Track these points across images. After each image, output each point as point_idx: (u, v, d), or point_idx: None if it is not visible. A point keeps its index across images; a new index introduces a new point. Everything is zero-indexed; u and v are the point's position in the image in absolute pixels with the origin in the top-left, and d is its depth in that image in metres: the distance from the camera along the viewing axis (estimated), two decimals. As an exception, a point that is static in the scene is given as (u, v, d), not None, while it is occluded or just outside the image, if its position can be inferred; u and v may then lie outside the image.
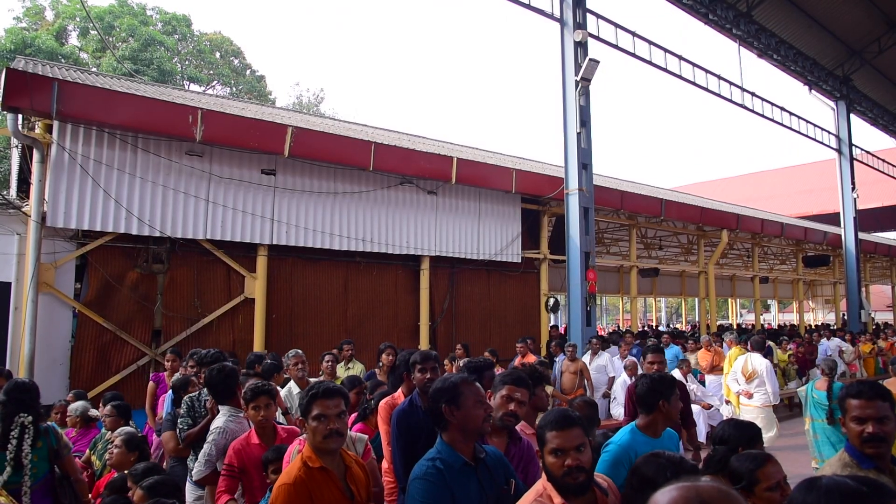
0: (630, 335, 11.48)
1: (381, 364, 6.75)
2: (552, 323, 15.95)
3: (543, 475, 2.27)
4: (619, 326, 31.68)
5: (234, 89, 30.41)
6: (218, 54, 30.72)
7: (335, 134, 9.71)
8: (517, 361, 8.38)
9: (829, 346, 13.55)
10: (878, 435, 2.49)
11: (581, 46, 10.78)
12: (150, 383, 6.84)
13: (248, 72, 32.44)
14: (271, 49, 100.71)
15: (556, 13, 10.95)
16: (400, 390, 4.13)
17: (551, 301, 12.44)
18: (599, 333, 11.67)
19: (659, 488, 1.11)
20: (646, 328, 27.39)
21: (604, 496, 2.27)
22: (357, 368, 7.54)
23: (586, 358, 9.40)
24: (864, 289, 22.47)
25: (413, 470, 2.54)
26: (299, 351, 6.05)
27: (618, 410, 8.56)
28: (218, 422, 4.00)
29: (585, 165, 10.65)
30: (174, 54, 27.91)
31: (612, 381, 9.18)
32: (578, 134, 10.57)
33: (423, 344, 10.44)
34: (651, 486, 1.11)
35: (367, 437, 3.60)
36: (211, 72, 29.93)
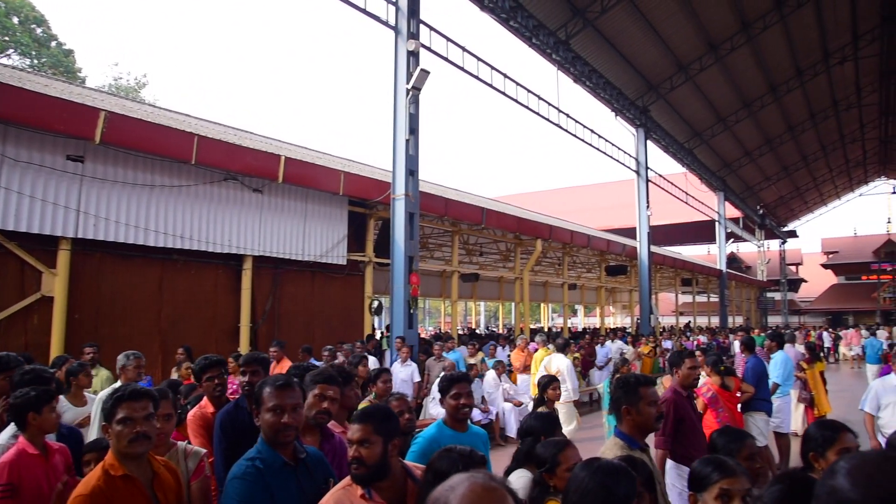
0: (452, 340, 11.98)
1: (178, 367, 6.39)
2: (376, 325, 16.14)
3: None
4: (440, 329, 32.62)
5: (36, 62, 27.33)
6: (16, 19, 27.41)
7: (155, 123, 9.08)
8: (272, 368, 7.59)
9: (611, 349, 14.67)
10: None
11: (413, 56, 11.07)
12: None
13: (53, 43, 29.29)
14: (85, 23, 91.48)
15: (391, 21, 11.15)
16: (205, 398, 4.02)
17: (375, 304, 12.61)
18: (421, 335, 12.04)
19: None
20: (466, 331, 28.51)
21: (414, 485, 2.42)
22: (103, 375, 6.72)
23: (396, 366, 9.70)
24: (654, 296, 25.20)
25: (231, 469, 2.53)
26: (138, 353, 5.60)
27: (437, 409, 8.96)
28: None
29: (412, 172, 10.94)
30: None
31: (417, 386, 9.54)
32: (407, 141, 10.84)
33: (244, 346, 10.12)
34: (445, 479, 1.26)
35: (204, 451, 3.31)
36: (6, 38, 26.66)
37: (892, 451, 0.88)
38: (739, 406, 6.93)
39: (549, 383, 5.42)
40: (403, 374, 9.41)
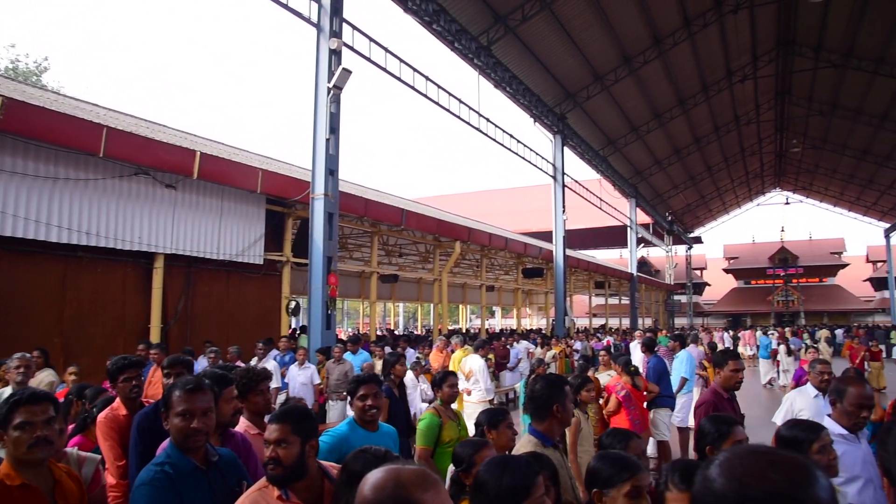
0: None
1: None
2: (293, 326, 15.89)
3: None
4: (358, 330, 32.40)
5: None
6: None
7: (60, 111, 8.60)
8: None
9: (519, 350, 14.75)
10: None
11: (335, 54, 10.98)
12: None
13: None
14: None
15: (314, 18, 11.01)
16: (118, 400, 3.88)
17: (292, 304, 12.41)
18: (339, 337, 11.94)
19: None
20: (384, 332, 28.45)
21: (331, 484, 2.44)
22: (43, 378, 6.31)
23: (293, 368, 9.56)
24: (568, 298, 25.94)
25: (139, 475, 2.46)
26: (27, 354, 5.30)
27: (336, 413, 9.16)
28: None
29: (332, 171, 10.84)
30: None
31: (316, 389, 9.45)
32: (327, 140, 10.74)
33: (152, 347, 9.74)
34: (360, 480, 1.29)
35: (99, 457, 3.20)
36: None
37: (763, 447, 1.00)
38: (646, 403, 7.29)
39: (583, 385, 5.41)
40: (302, 378, 9.25)
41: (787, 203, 44.15)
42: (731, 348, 26.72)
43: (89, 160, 8.84)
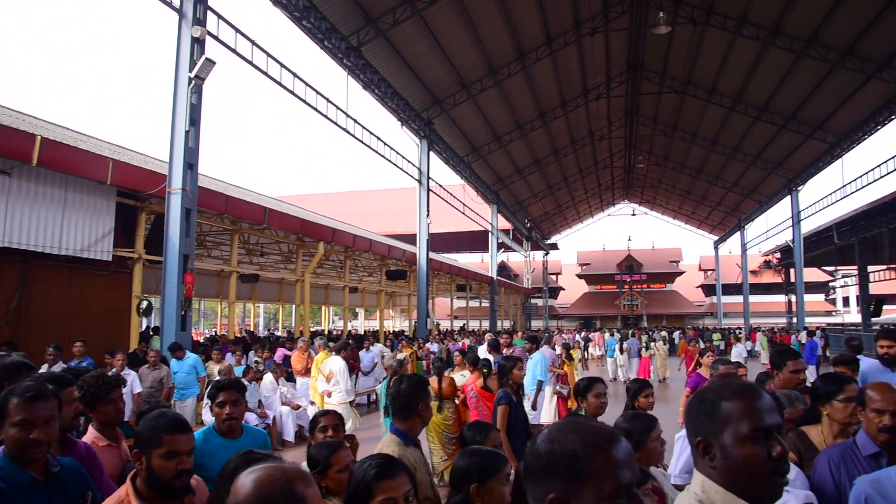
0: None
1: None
2: (145, 326, 14.98)
3: (129, 480, 2.27)
4: (215, 332, 31.10)
5: None
6: None
7: None
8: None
9: (374, 353, 14.54)
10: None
11: (199, 43, 10.53)
12: None
13: None
14: None
15: (176, 2, 10.50)
16: None
17: (144, 304, 11.69)
18: (196, 339, 11.42)
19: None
20: (244, 333, 27.52)
21: (191, 496, 2.37)
22: None
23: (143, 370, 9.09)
24: (431, 300, 26.40)
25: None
26: None
27: None
28: None
29: (191, 165, 10.39)
30: None
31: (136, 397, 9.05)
32: (187, 132, 10.28)
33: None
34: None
35: None
36: None
37: (581, 421, 1.25)
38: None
39: (641, 390, 5.10)
40: (150, 380, 8.82)
41: (634, 214, 47.79)
42: (579, 347, 28.45)
43: None
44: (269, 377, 10.64)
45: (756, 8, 18.74)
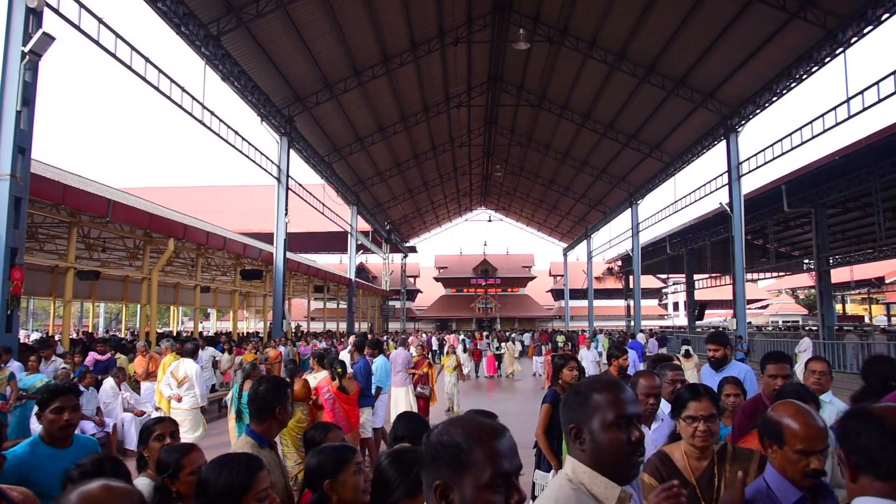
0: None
1: None
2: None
3: None
4: (47, 333, 28.56)
5: None
6: None
7: None
8: None
9: (202, 356, 13.35)
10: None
11: (35, 14, 9.62)
12: None
13: None
14: None
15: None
16: None
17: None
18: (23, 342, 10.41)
19: None
20: (81, 334, 25.40)
21: None
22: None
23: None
24: (287, 301, 25.79)
25: None
26: None
27: None
28: None
29: (23, 149, 9.45)
30: None
31: None
32: (19, 112, 9.34)
33: None
34: None
35: None
36: None
37: (474, 417, 1.41)
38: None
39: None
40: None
41: (490, 220, 49.53)
42: (437, 350, 29.04)
43: None
44: (109, 382, 9.94)
45: (605, 34, 20.19)
